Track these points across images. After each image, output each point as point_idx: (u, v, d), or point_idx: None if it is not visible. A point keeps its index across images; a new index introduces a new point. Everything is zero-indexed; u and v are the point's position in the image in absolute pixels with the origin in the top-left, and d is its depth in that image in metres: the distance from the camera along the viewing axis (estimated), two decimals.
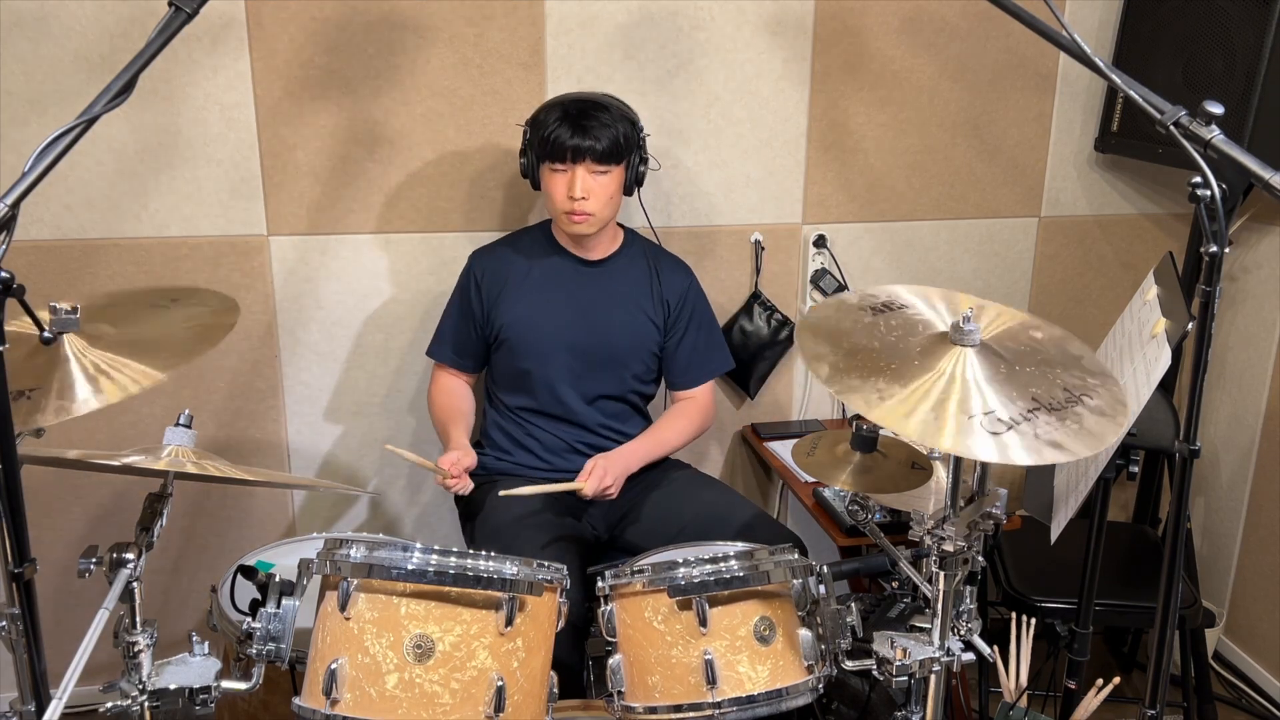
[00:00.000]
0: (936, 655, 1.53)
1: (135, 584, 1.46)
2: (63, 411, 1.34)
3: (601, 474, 2.11)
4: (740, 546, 2.03)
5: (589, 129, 2.09)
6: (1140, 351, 1.63)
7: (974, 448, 1.33)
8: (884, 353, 1.45)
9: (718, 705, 1.54)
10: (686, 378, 2.37)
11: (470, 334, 2.30)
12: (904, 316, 1.55)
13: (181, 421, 1.59)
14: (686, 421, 2.36)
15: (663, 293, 2.33)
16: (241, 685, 1.54)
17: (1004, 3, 1.56)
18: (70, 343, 1.42)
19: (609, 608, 1.62)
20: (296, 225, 2.43)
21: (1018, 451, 1.33)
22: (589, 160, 2.10)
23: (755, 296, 2.67)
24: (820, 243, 2.68)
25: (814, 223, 2.68)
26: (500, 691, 1.45)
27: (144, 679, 1.48)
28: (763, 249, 2.66)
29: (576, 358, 2.26)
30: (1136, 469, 1.84)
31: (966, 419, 1.35)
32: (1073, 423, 1.38)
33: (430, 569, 1.45)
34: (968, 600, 1.58)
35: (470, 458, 2.16)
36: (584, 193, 2.11)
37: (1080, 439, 1.36)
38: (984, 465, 1.57)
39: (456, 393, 2.35)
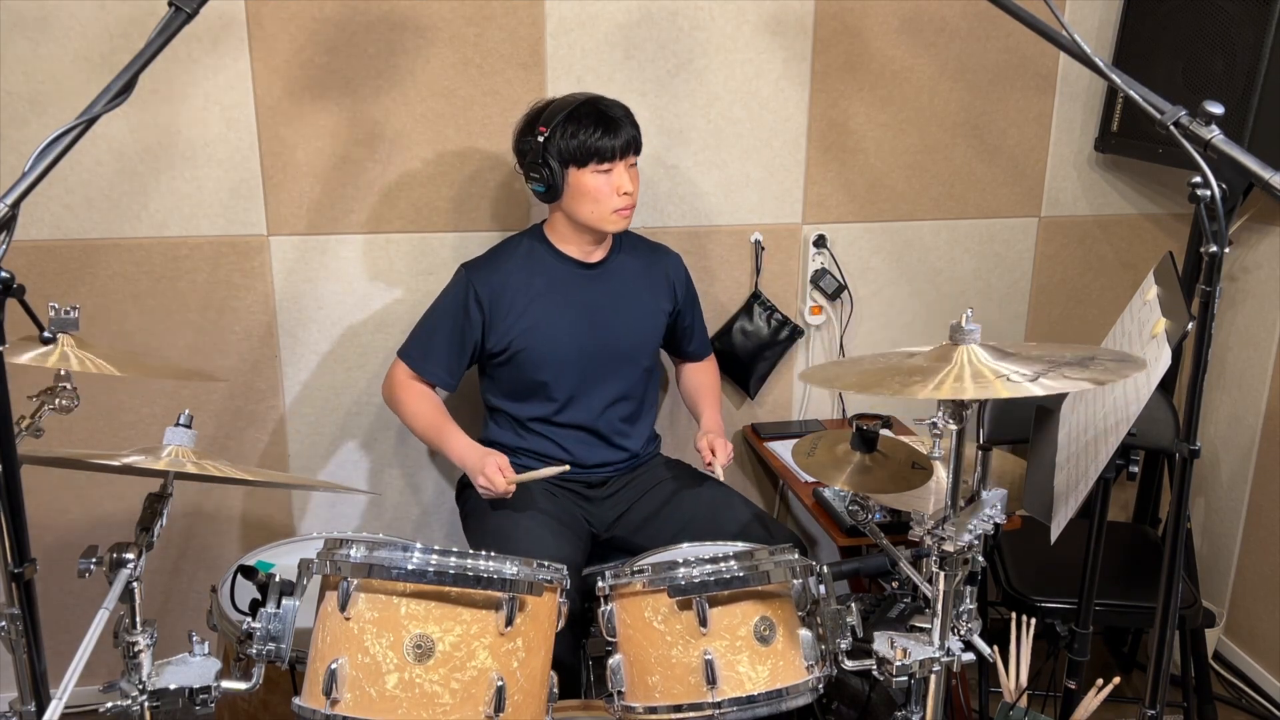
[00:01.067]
0: (936, 655, 1.53)
1: (135, 584, 1.46)
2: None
3: (722, 445, 2.26)
4: (740, 546, 2.03)
5: (620, 122, 2.12)
6: (1140, 351, 1.63)
7: (1012, 389, 1.37)
8: (893, 371, 1.48)
9: (718, 705, 1.54)
10: (705, 347, 2.54)
11: (465, 352, 2.25)
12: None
13: (181, 421, 1.59)
14: (715, 371, 2.58)
15: (670, 280, 2.36)
16: (241, 685, 1.54)
17: (1004, 3, 1.56)
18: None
19: (609, 608, 1.62)
20: (296, 225, 2.42)
21: (1056, 386, 1.37)
22: (630, 153, 2.14)
23: (755, 296, 2.67)
24: (820, 243, 2.68)
25: (814, 223, 2.68)
26: (500, 691, 1.45)
27: (144, 679, 1.48)
28: (763, 249, 2.66)
29: (592, 362, 2.26)
30: (1136, 469, 1.84)
31: (998, 376, 1.40)
32: (1097, 367, 1.42)
33: (430, 569, 1.45)
34: (968, 600, 1.57)
35: (504, 457, 2.15)
36: (630, 186, 2.14)
37: (1111, 372, 1.40)
38: (984, 466, 1.57)
39: (435, 399, 2.30)
